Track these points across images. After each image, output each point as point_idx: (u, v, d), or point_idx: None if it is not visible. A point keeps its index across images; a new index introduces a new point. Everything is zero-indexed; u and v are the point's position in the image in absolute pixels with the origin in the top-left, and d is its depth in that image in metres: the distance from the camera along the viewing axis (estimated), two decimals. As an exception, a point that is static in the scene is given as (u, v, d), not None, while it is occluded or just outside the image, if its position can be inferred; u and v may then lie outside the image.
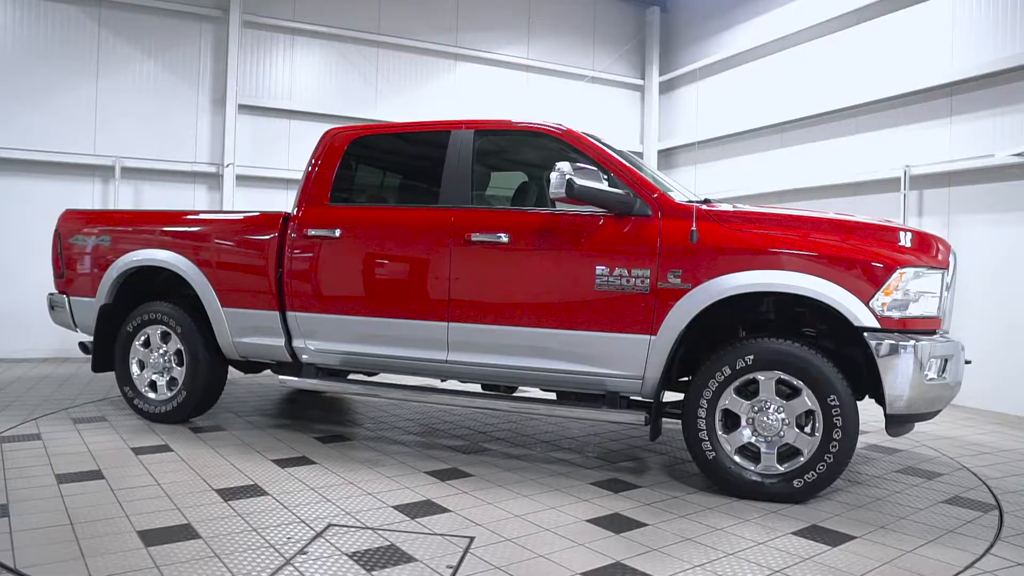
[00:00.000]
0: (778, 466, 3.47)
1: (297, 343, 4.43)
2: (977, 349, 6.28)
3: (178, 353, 4.73)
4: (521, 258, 3.89)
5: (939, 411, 3.61)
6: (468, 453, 4.31)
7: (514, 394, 4.30)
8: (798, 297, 3.44)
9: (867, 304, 3.32)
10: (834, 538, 3.02)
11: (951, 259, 3.62)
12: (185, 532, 2.91)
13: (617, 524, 3.14)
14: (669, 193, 3.85)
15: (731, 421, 3.56)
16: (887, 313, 3.32)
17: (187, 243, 4.67)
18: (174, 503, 3.25)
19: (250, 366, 5.08)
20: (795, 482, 3.42)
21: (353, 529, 3.00)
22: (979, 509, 3.48)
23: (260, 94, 8.46)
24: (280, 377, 4.45)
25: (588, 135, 4.12)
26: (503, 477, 3.82)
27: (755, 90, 8.92)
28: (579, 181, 3.46)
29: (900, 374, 3.29)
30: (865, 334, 3.32)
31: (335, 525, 3.05)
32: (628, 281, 3.64)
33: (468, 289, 3.97)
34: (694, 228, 3.58)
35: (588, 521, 3.17)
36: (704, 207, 3.71)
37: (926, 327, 3.44)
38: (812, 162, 8.07)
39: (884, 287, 3.32)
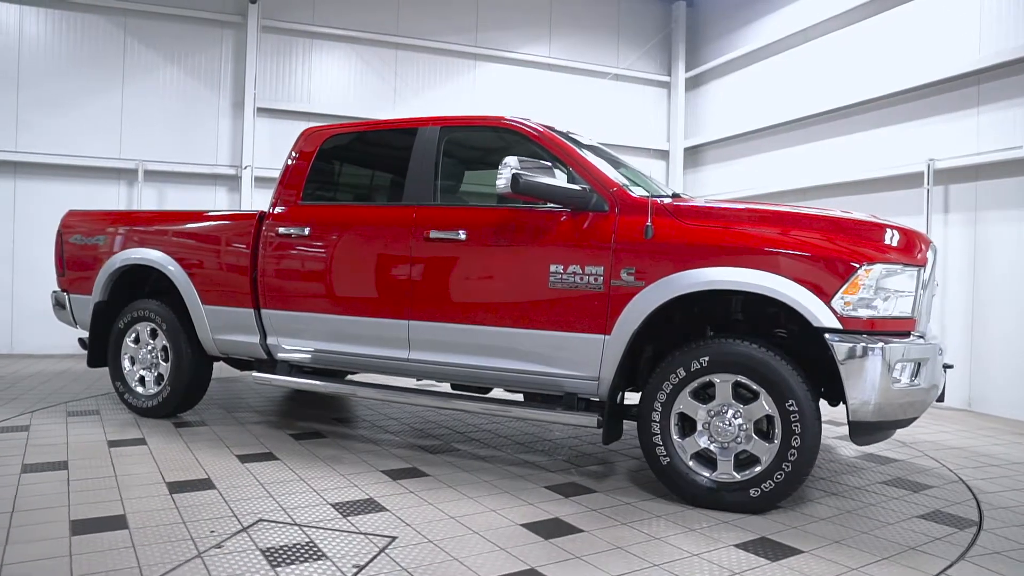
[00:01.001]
0: (735, 474, 3.29)
1: (271, 340, 4.47)
2: (1004, 355, 5.87)
3: (164, 349, 4.85)
4: (478, 255, 3.81)
5: (914, 418, 3.35)
6: (436, 453, 4.26)
7: (481, 395, 4.21)
8: (763, 296, 3.26)
9: (828, 303, 3.11)
10: (778, 552, 2.84)
11: (929, 255, 3.37)
12: (115, 523, 2.95)
13: (551, 529, 3.03)
14: (630, 189, 3.71)
15: (688, 425, 3.40)
16: (852, 313, 3.11)
17: (171, 242, 4.78)
18: (120, 494, 3.31)
19: (242, 362, 5.16)
20: (752, 491, 3.24)
21: (281, 525, 2.99)
22: (956, 525, 3.22)
23: (279, 97, 8.64)
24: (253, 374, 4.50)
25: (550, 128, 4.02)
26: (459, 478, 3.75)
27: (780, 84, 8.58)
28: (525, 176, 3.37)
29: (864, 378, 3.07)
30: (826, 335, 3.11)
31: (265, 520, 3.05)
32: (581, 279, 3.53)
33: (428, 287, 3.92)
34: (649, 223, 3.44)
35: (523, 525, 3.07)
36: (661, 202, 3.56)
37: (898, 328, 3.20)
38: (836, 158, 7.70)
39: (846, 285, 3.10)
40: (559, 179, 3.52)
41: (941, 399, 3.68)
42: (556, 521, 3.13)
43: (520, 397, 4.03)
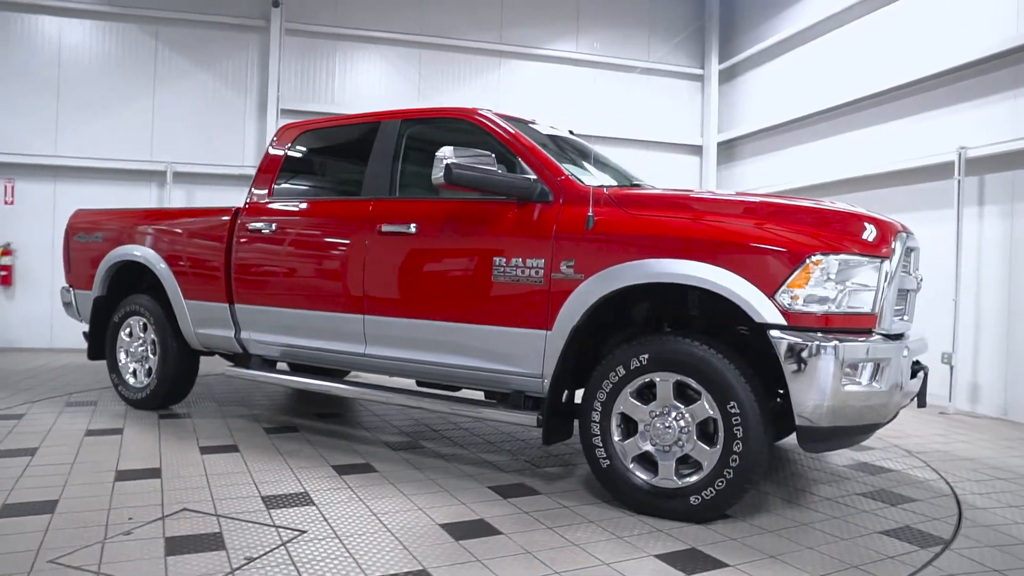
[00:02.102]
0: (676, 480, 3.09)
1: (244, 335, 4.52)
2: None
3: (154, 343, 4.98)
4: (427, 249, 3.74)
5: (878, 424, 3.06)
6: (399, 449, 4.21)
7: (434, 391, 4.11)
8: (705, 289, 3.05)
9: (771, 297, 2.87)
10: (699, 565, 2.63)
11: (897, 246, 3.06)
12: (44, 507, 3.02)
13: (468, 531, 2.91)
14: (580, 178, 3.55)
15: (630, 427, 3.22)
16: (800, 308, 2.86)
17: (157, 238, 4.91)
18: (66, 481, 3.40)
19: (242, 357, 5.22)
20: (692, 499, 3.03)
21: (202, 515, 2.99)
22: (919, 543, 2.91)
23: (304, 98, 8.80)
24: (225, 369, 4.56)
25: (504, 117, 3.90)
26: (406, 475, 3.68)
27: (815, 73, 8.14)
28: (458, 167, 3.26)
29: (811, 379, 2.82)
30: (769, 332, 2.88)
31: (189, 510, 3.06)
32: (523, 272, 3.39)
33: (381, 282, 3.88)
34: (590, 213, 3.28)
35: (442, 525, 2.97)
36: (605, 191, 3.39)
37: (856, 325, 2.93)
38: (869, 148, 7.23)
39: (791, 277, 2.85)
40: (497, 169, 3.38)
41: (922, 403, 3.37)
42: (479, 523, 3.01)
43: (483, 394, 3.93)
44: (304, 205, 4.34)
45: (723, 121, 9.96)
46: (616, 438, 3.20)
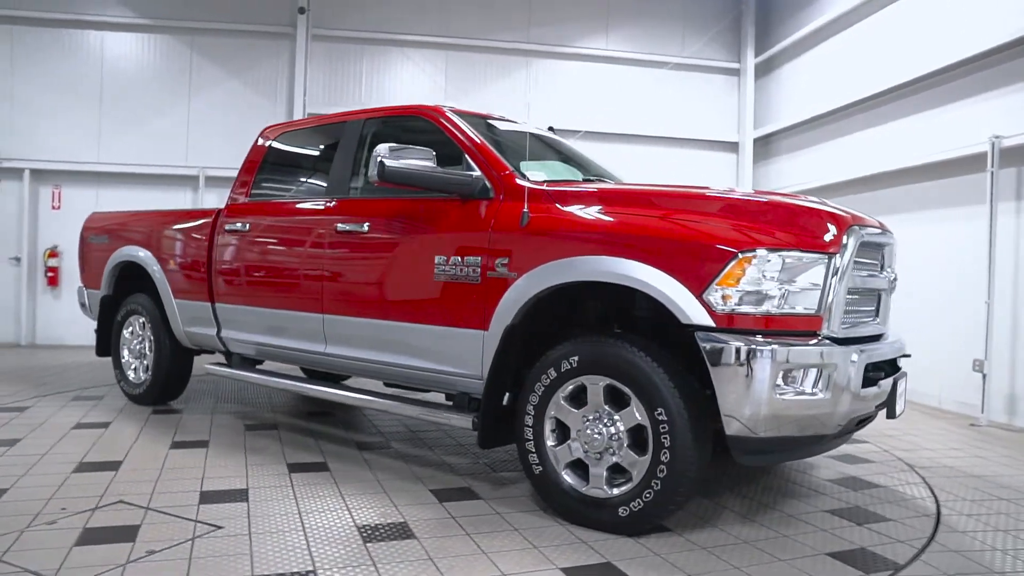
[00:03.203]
0: (606, 489, 2.93)
1: (224, 333, 4.61)
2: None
3: (151, 341, 5.16)
4: (378, 247, 3.71)
5: (824, 437, 2.81)
6: (366, 449, 4.19)
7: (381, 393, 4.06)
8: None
9: (699, 296, 2.69)
10: (604, 579, 2.49)
11: (848, 240, 2.81)
12: (-11, 497, 3.15)
13: (382, 534, 2.85)
14: (522, 173, 3.43)
15: (565, 432, 3.08)
16: (731, 308, 2.66)
17: (151, 239, 5.08)
18: (28, 470, 3.53)
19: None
20: (620, 510, 2.86)
21: (132, 508, 3.05)
22: (864, 568, 2.65)
23: (332, 103, 8.94)
24: (205, 366, 4.66)
25: (462, 113, 3.82)
26: (356, 475, 3.65)
27: (852, 61, 7.67)
28: (391, 163, 3.21)
29: (740, 385, 2.62)
30: (696, 334, 2.69)
31: (124, 502, 3.12)
32: (462, 270, 3.31)
33: (338, 281, 3.87)
34: (525, 210, 3.17)
35: (360, 527, 2.92)
36: (544, 186, 3.26)
37: (798, 327, 2.71)
38: (907, 140, 6.76)
39: (721, 275, 2.66)
40: (433, 165, 3.31)
41: (891, 414, 3.09)
42: (399, 526, 2.95)
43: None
44: (275, 205, 4.39)
45: (759, 117, 9.55)
46: (550, 443, 3.07)
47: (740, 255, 2.66)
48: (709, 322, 2.67)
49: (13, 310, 8.57)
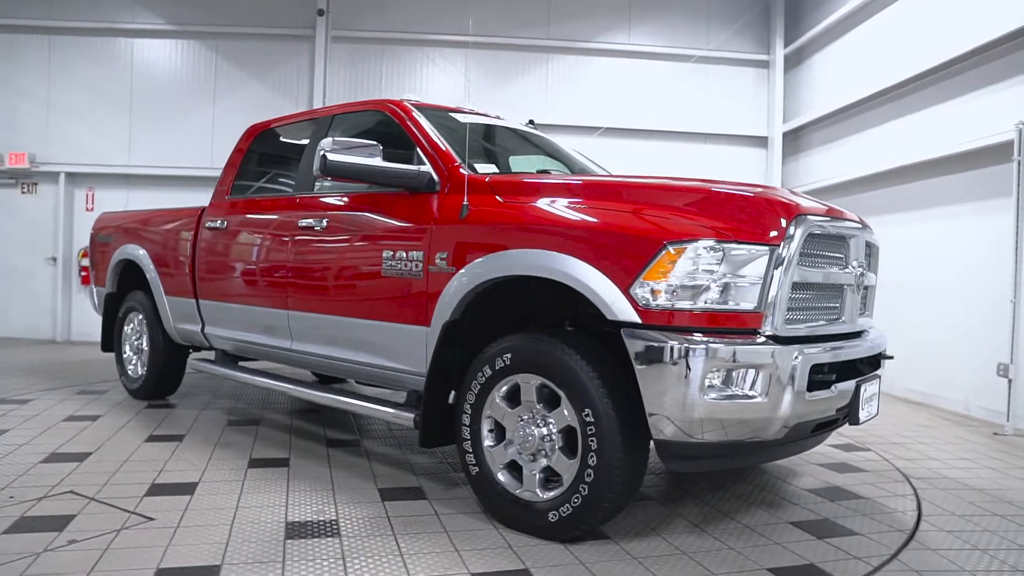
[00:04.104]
0: (539, 492, 2.81)
1: (207, 329, 4.67)
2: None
3: (147, 337, 5.28)
4: (334, 243, 3.69)
5: (763, 443, 2.62)
6: (335, 446, 4.17)
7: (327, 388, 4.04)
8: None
9: (625, 291, 2.54)
10: (513, 586, 2.37)
11: (794, 230, 2.60)
12: (-50, 484, 3.25)
13: (307, 531, 2.81)
14: (467, 165, 3.33)
15: (502, 432, 2.97)
16: (659, 303, 2.51)
17: (146, 237, 5.20)
18: (-2, 460, 3.66)
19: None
20: (551, 515, 2.74)
21: (78, 498, 3.10)
22: (802, 584, 2.46)
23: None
24: (190, 361, 4.74)
25: (423, 107, 3.77)
26: (312, 472, 3.63)
27: (882, 49, 7.27)
28: (333, 157, 3.16)
29: (665, 386, 2.47)
30: (623, 331, 2.55)
31: (74, 492, 3.18)
32: (405, 265, 3.25)
33: (300, 277, 3.87)
34: (465, 202, 3.08)
35: (289, 523, 2.89)
36: (487, 178, 3.16)
37: (734, 324, 2.53)
38: (942, 127, 6.35)
39: (648, 268, 2.51)
40: (378, 159, 3.25)
41: (853, 420, 2.87)
42: (327, 524, 2.90)
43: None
44: (248, 203, 4.43)
45: (788, 110, 9.18)
46: (487, 443, 2.97)
47: (669, 247, 2.50)
48: (635, 318, 2.52)
49: (50, 308, 8.96)
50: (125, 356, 5.50)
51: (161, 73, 8.98)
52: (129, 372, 5.42)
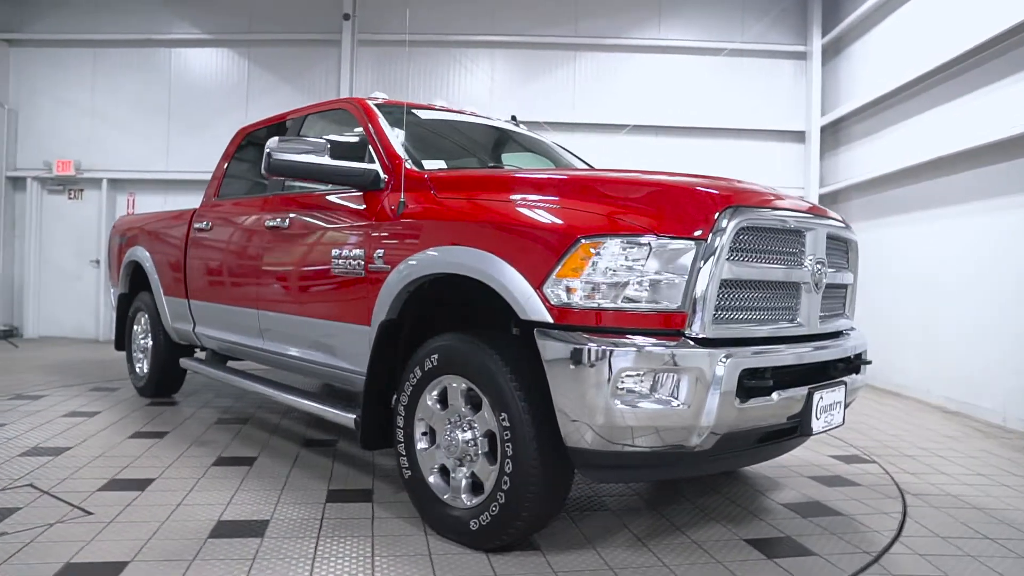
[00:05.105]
0: (463, 499, 2.71)
1: (197, 329, 4.76)
2: None
3: (151, 336, 5.43)
4: (293, 243, 3.68)
5: (686, 452, 2.43)
6: (310, 446, 4.17)
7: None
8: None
9: (539, 288, 2.41)
10: (410, 596, 2.28)
11: (726, 223, 2.41)
12: (-76, 474, 3.40)
13: (233, 530, 2.79)
14: (413, 161, 3.26)
15: (434, 435, 2.88)
16: (571, 302, 2.37)
17: (148, 239, 5.36)
18: (-20, 453, 3.80)
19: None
20: (472, 523, 2.63)
21: (33, 492, 3.18)
22: (723, 608, 2.27)
23: (377, 107, 9.13)
24: (182, 360, 4.85)
25: (384, 104, 3.71)
26: (273, 471, 3.63)
27: (926, 29, 6.80)
28: (277, 156, 3.14)
29: (576, 390, 2.32)
30: (536, 331, 2.42)
31: (32, 486, 3.26)
32: (350, 264, 3.21)
33: (267, 276, 3.88)
34: (402, 199, 3.01)
35: (220, 521, 2.88)
36: (426, 174, 3.08)
37: (654, 325, 2.36)
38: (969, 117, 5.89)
39: (560, 265, 2.37)
40: (325, 157, 3.20)
41: (805, 431, 2.64)
42: (258, 524, 2.87)
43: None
44: (230, 204, 4.48)
45: (828, 103, 8.71)
46: (420, 446, 2.89)
47: (584, 241, 2.36)
48: (548, 318, 2.39)
49: (93, 309, 9.39)
50: (134, 355, 5.68)
51: (197, 80, 9.29)
52: (137, 370, 5.60)
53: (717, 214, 2.42)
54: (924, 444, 4.72)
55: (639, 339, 2.31)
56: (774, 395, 2.49)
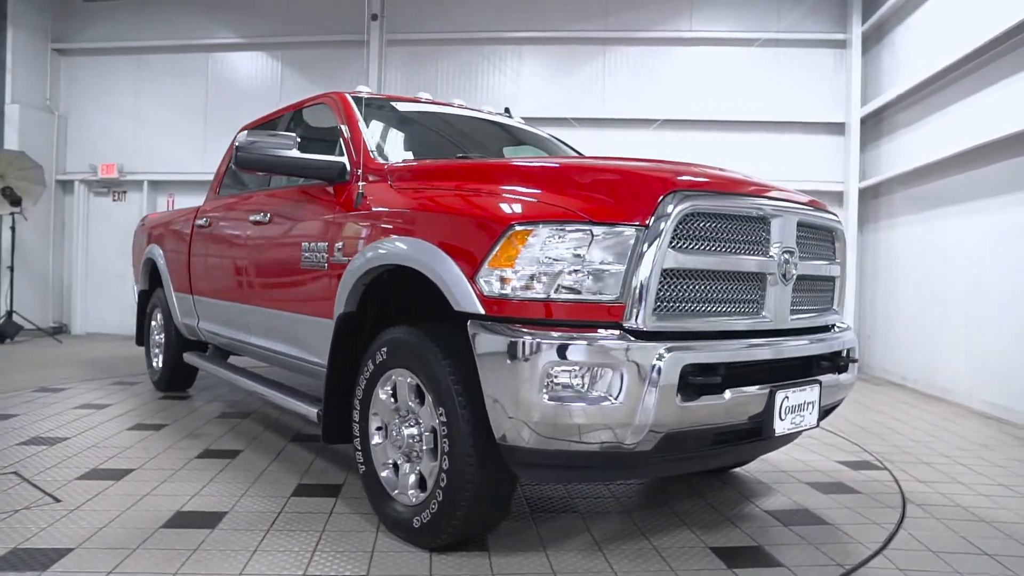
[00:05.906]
0: (409, 495, 2.64)
1: (200, 324, 4.85)
2: None
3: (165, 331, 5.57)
4: (272, 237, 3.69)
5: (623, 452, 2.28)
6: (297, 440, 4.19)
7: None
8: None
9: (472, 279, 2.32)
10: (333, 593, 2.22)
11: (670, 209, 2.26)
12: (-77, 459, 3.55)
13: (186, 522, 2.80)
14: (381, 154, 3.21)
15: (388, 430, 2.82)
16: (503, 292, 2.26)
17: (162, 237, 5.49)
18: (-19, 441, 3.95)
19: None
20: (415, 520, 2.56)
21: (14, 478, 3.27)
22: (657, 618, 2.12)
23: (405, 107, 9.18)
24: (184, 355, 4.95)
25: (363, 97, 3.69)
26: (253, 464, 3.65)
27: (977, 5, 6.37)
28: (244, 150, 3.14)
29: (505, 384, 2.22)
30: (468, 323, 2.33)
31: (17, 474, 3.36)
32: (315, 257, 3.19)
33: (252, 271, 3.91)
34: (360, 191, 2.97)
35: (177, 512, 2.90)
36: (386, 165, 3.03)
37: (590, 316, 2.23)
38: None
39: (492, 254, 2.28)
40: (292, 150, 3.19)
41: (767, 433, 2.46)
42: (215, 515, 2.88)
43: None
44: (226, 201, 4.54)
45: (868, 93, 8.28)
46: (374, 441, 2.84)
47: (516, 228, 2.25)
48: (479, 309, 2.30)
49: (133, 306, 9.72)
50: (151, 350, 5.84)
51: (233, 83, 9.54)
52: (153, 364, 5.75)
53: (661, 199, 2.27)
54: (949, 452, 4.40)
55: (572, 332, 2.20)
56: (726, 393, 2.32)
